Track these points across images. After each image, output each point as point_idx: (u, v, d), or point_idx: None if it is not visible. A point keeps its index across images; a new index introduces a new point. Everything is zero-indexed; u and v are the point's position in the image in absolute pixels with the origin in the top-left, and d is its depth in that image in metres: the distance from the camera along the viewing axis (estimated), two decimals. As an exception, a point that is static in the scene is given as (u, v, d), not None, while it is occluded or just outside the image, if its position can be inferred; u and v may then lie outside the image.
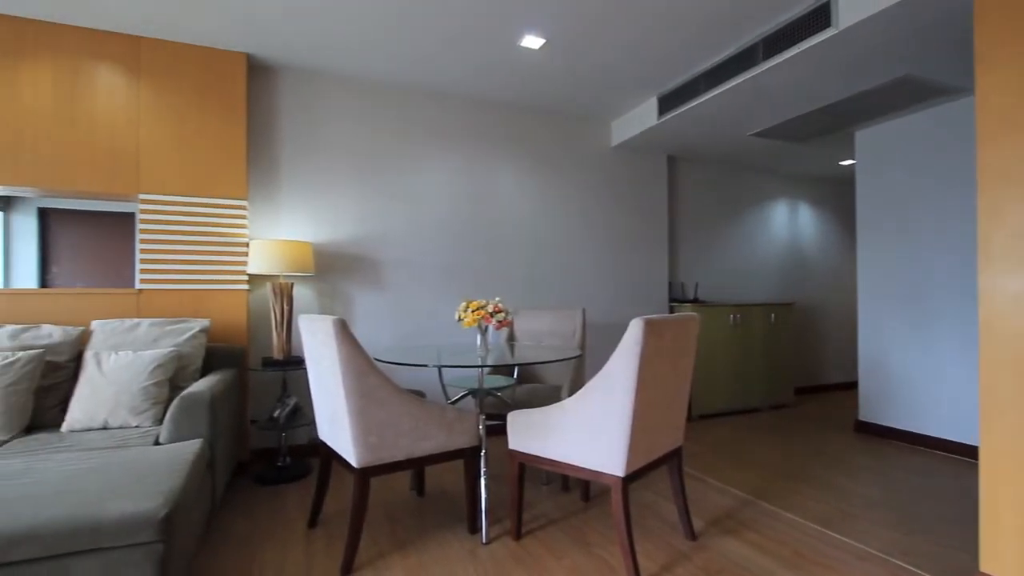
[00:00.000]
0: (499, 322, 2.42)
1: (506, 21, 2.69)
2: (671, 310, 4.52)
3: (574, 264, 4.07)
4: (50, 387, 2.38)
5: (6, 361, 2.20)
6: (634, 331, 1.75)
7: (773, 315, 4.63)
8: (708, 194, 4.88)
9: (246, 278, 2.97)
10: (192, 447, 1.97)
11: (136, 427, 2.27)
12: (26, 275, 5.54)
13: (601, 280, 4.19)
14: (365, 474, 1.94)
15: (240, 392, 2.83)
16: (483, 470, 2.25)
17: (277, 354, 2.93)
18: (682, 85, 3.39)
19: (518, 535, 2.18)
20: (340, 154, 3.37)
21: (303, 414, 3.05)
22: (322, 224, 3.32)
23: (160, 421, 2.33)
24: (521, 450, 2.12)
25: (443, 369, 3.27)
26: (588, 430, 1.88)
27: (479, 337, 2.52)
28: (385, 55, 3.06)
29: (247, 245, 2.98)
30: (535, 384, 3.10)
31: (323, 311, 3.31)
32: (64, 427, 2.24)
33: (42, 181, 2.65)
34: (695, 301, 4.50)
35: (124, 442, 2.09)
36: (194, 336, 2.60)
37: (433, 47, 2.96)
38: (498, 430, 3.75)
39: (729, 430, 3.98)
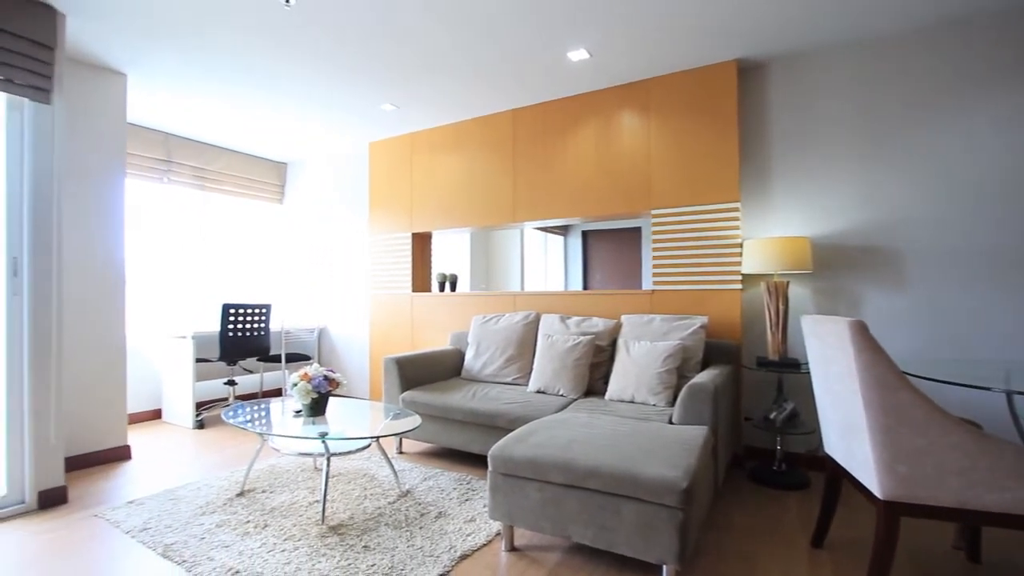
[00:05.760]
0: None
1: None
2: None
3: None
4: (597, 364, 3.14)
5: (576, 342, 3.07)
6: None
7: None
8: None
9: (739, 278, 3.04)
10: (700, 432, 2.16)
11: (653, 405, 2.70)
12: (575, 281, 7.69)
13: None
14: (893, 509, 1.61)
15: (735, 388, 2.92)
16: (1110, 563, 1.46)
17: (772, 354, 2.86)
18: None
19: None
20: (836, 134, 2.97)
21: (800, 421, 2.86)
22: (817, 216, 3.01)
23: (670, 403, 2.69)
24: None
25: (1015, 397, 2.33)
26: None
27: (1092, 356, 1.65)
28: (901, -2, 2.48)
29: (740, 246, 3.05)
30: None
31: (820, 311, 3.00)
32: (606, 396, 2.91)
33: (590, 211, 3.56)
34: None
35: (646, 416, 2.52)
36: (695, 332, 2.87)
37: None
38: None
39: None
